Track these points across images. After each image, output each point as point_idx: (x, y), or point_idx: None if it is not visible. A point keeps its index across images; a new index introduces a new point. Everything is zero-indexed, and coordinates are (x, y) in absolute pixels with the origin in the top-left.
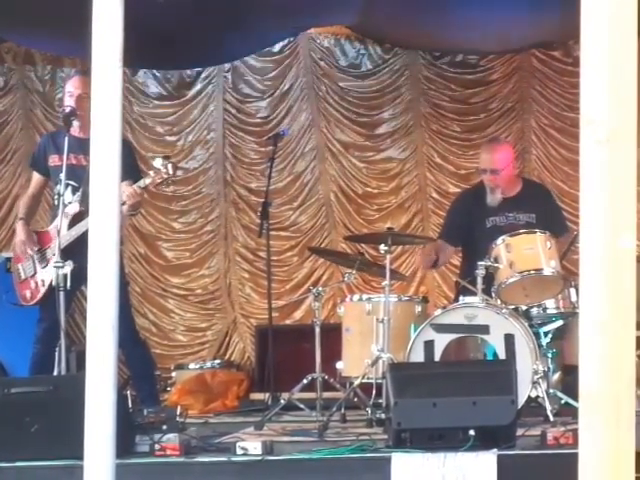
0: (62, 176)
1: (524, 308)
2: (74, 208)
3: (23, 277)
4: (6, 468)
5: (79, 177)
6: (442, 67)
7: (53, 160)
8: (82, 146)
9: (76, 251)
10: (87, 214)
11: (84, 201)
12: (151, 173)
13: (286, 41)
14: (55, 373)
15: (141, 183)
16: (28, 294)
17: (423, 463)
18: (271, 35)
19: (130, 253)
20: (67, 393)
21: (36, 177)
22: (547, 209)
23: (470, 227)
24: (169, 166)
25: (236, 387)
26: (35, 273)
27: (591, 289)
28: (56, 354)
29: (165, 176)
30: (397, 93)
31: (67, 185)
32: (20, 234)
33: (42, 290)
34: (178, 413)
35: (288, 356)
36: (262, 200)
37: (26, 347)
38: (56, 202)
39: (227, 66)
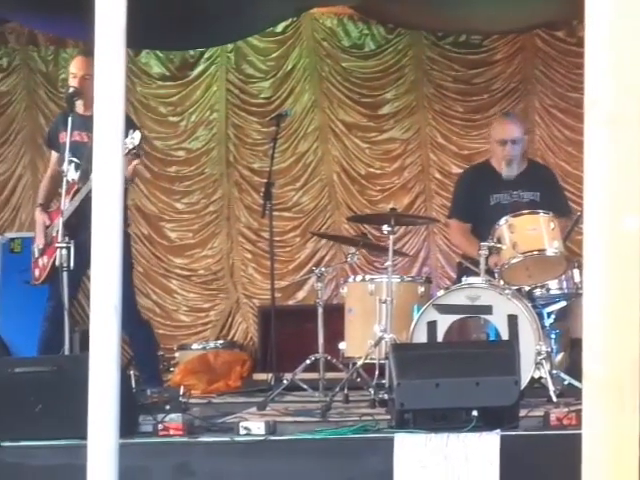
0: (66, 153)
1: (527, 289)
2: (76, 184)
3: (36, 256)
4: (10, 447)
5: (82, 154)
6: (445, 47)
7: (62, 137)
8: (86, 123)
9: (83, 232)
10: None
11: (82, 178)
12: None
13: (289, 21)
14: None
15: None
16: (37, 273)
17: (426, 444)
18: (274, 15)
19: (133, 234)
20: (71, 373)
21: (54, 156)
22: (551, 190)
23: (475, 204)
24: (136, 135)
25: (239, 367)
26: (44, 252)
27: (595, 271)
28: None
29: (130, 147)
30: (400, 73)
31: (70, 162)
32: (38, 220)
33: (47, 268)
34: (181, 393)
35: (291, 337)
36: (265, 181)
37: (32, 328)
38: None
39: (230, 46)
